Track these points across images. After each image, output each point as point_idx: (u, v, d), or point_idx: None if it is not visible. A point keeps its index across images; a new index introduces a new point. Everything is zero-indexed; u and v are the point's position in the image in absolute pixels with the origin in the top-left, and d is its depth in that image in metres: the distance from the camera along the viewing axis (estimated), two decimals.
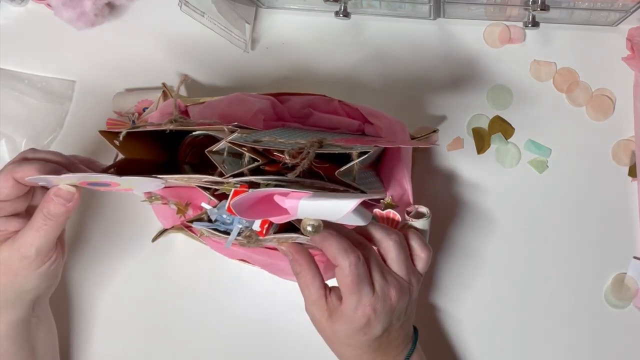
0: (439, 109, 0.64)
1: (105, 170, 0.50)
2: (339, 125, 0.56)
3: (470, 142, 0.63)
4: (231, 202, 0.44)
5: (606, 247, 0.61)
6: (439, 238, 0.62)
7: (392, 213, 0.50)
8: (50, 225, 0.47)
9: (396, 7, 0.62)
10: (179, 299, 0.64)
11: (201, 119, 0.54)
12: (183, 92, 0.66)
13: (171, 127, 0.48)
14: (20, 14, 0.69)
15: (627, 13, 0.59)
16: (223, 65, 0.66)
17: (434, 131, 0.60)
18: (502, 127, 0.63)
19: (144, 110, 0.63)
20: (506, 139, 0.63)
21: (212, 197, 0.54)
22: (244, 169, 0.46)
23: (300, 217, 0.45)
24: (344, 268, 0.46)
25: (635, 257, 0.61)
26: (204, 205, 0.54)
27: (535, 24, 0.59)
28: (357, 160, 0.46)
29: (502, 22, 0.64)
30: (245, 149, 0.46)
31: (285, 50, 0.66)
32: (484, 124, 0.63)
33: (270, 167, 0.47)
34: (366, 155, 0.46)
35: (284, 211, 0.44)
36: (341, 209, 0.42)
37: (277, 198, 0.44)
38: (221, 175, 0.48)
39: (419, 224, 0.50)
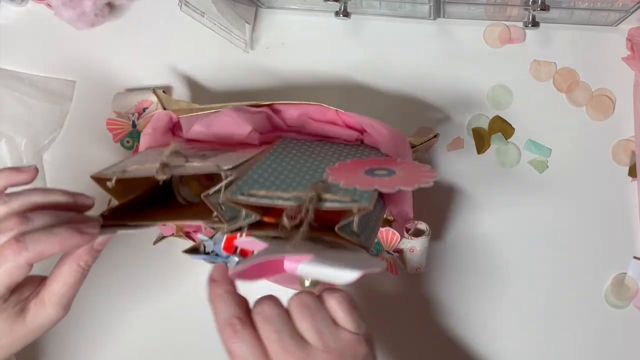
0: (438, 108, 0.64)
1: (100, 222, 0.49)
2: (336, 135, 0.54)
3: (470, 142, 0.63)
4: (229, 273, 0.42)
5: (606, 247, 0.61)
6: (439, 239, 0.62)
7: (391, 232, 0.50)
8: (84, 275, 0.44)
9: (396, 7, 0.62)
10: (178, 301, 0.64)
11: (196, 138, 0.53)
12: (181, 93, 0.66)
13: (163, 177, 0.45)
14: (20, 14, 0.69)
15: (627, 13, 0.59)
16: (223, 65, 0.66)
17: (434, 136, 0.58)
18: (502, 127, 0.63)
19: (144, 110, 0.63)
20: (506, 139, 0.63)
21: (207, 226, 0.53)
22: (243, 224, 0.45)
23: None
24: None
25: (635, 257, 0.61)
26: (200, 236, 0.54)
27: (535, 24, 0.59)
28: (356, 216, 0.43)
29: (502, 22, 0.64)
30: (242, 205, 0.44)
31: (285, 50, 0.66)
32: (484, 124, 0.63)
33: (268, 216, 0.45)
34: (366, 211, 0.43)
35: (283, 270, 0.42)
36: (344, 278, 0.39)
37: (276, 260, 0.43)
38: (217, 218, 0.46)
39: (418, 242, 0.50)
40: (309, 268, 0.40)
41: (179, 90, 0.66)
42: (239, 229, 0.45)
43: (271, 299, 0.43)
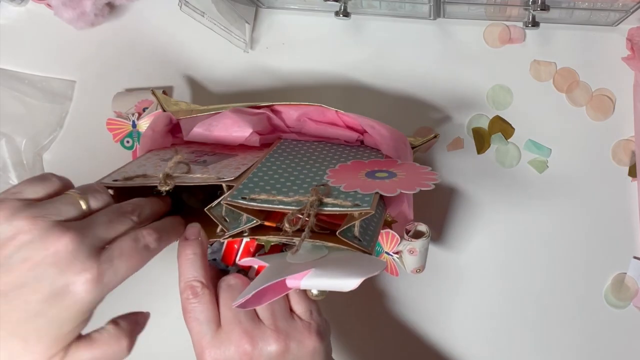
0: (439, 109, 0.64)
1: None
2: (336, 136, 0.55)
3: (470, 142, 0.63)
4: (234, 304, 0.42)
5: (606, 247, 0.61)
6: (439, 239, 0.62)
7: (390, 234, 0.49)
8: None
9: (396, 7, 0.62)
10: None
11: (196, 140, 0.53)
12: (181, 93, 0.66)
13: (166, 188, 0.45)
14: (20, 14, 0.69)
15: (627, 13, 0.59)
16: (223, 65, 0.66)
17: (435, 137, 0.57)
18: (502, 127, 0.63)
19: (144, 110, 0.63)
20: (506, 139, 0.63)
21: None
22: (244, 228, 0.45)
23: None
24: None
25: (635, 257, 0.61)
26: None
27: (535, 24, 0.59)
28: (358, 221, 0.43)
29: (502, 22, 0.64)
30: (243, 210, 0.44)
31: (285, 50, 0.66)
32: (484, 124, 0.63)
33: (269, 221, 0.45)
34: (367, 216, 0.43)
35: (287, 289, 0.42)
36: (346, 286, 0.40)
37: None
38: (223, 232, 0.46)
39: (418, 244, 0.50)
40: (311, 281, 0.41)
41: (179, 91, 0.66)
42: (241, 233, 0.45)
43: (239, 275, 0.46)
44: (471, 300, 0.62)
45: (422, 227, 0.50)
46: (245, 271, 0.49)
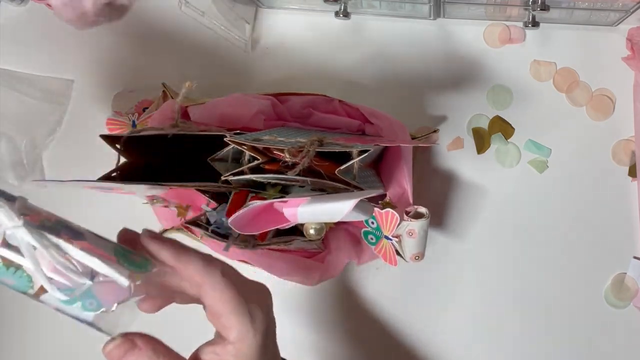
0: (439, 109, 0.64)
1: (109, 176, 0.50)
2: (339, 125, 0.56)
3: (470, 142, 0.63)
4: (230, 220, 0.44)
5: (606, 247, 0.61)
6: (438, 238, 0.62)
7: (390, 213, 0.50)
8: None
9: (396, 7, 0.62)
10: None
11: (202, 120, 0.54)
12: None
13: (173, 131, 0.48)
14: (20, 14, 0.69)
15: (627, 13, 0.59)
16: (223, 65, 0.66)
17: (434, 131, 0.59)
18: (502, 127, 0.63)
19: (144, 110, 0.63)
20: (506, 139, 0.63)
21: (211, 200, 0.54)
22: (244, 168, 0.46)
23: (301, 223, 0.46)
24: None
25: (635, 257, 0.61)
26: (204, 207, 0.54)
27: (535, 24, 0.59)
28: (357, 159, 0.46)
29: (502, 22, 0.64)
30: (246, 147, 0.46)
31: (285, 50, 0.66)
32: (484, 124, 0.63)
33: (270, 165, 0.47)
34: (366, 154, 0.46)
35: (285, 220, 0.44)
36: (340, 210, 0.42)
37: (277, 205, 0.44)
38: (225, 182, 0.48)
39: (418, 224, 0.50)
40: (308, 208, 0.43)
41: (178, 91, 0.66)
42: (242, 173, 0.47)
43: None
44: (470, 300, 0.62)
45: (422, 210, 0.51)
46: None
